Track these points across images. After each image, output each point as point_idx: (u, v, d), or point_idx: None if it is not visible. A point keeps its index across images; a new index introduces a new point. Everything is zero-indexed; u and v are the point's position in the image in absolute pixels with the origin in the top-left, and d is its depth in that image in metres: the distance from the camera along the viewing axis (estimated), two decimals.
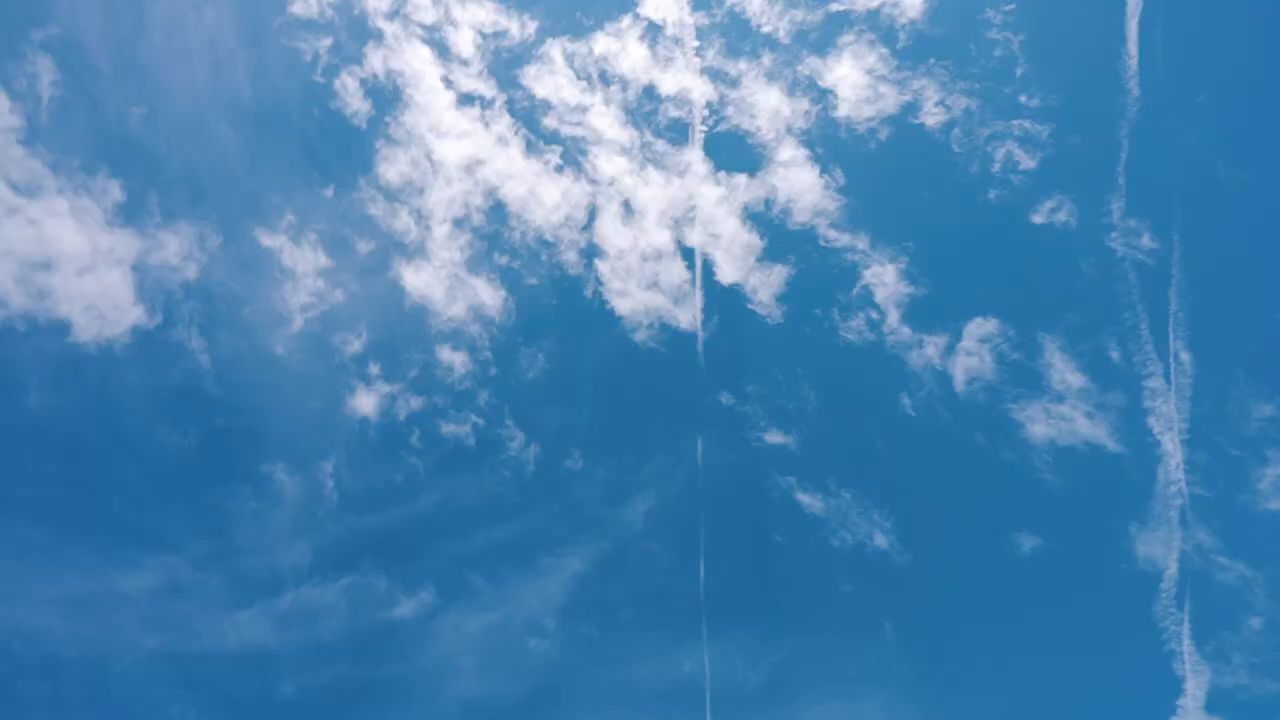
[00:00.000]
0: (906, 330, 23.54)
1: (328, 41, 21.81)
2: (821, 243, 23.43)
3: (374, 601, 22.97)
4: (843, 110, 23.09)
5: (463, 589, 23.33)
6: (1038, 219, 23.15)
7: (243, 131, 22.23)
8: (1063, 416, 23.24)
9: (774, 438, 23.64)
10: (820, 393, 23.80)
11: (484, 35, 22.40)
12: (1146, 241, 22.88)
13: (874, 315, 23.50)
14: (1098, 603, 23.06)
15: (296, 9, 21.43)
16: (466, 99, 22.58)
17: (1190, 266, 22.73)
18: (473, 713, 22.79)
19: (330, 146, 22.66)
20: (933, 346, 23.53)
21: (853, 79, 22.90)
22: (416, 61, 22.09)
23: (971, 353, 23.52)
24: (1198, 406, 22.81)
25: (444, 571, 23.35)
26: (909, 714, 23.02)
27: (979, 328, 23.45)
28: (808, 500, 23.59)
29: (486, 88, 22.58)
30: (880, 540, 23.48)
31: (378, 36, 21.95)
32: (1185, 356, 22.83)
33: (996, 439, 23.47)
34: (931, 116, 23.08)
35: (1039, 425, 23.28)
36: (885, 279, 23.37)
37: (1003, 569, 23.58)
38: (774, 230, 23.54)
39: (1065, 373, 23.22)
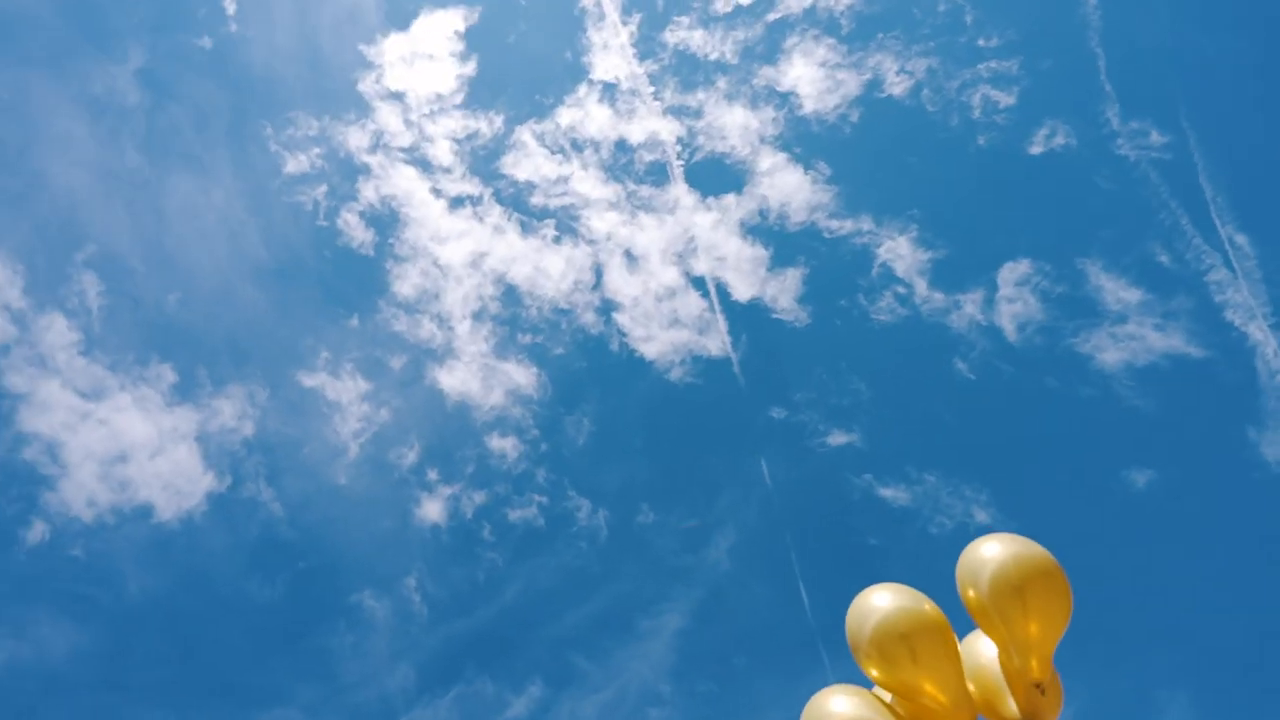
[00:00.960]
0: (939, 295, 22.89)
1: (323, 188, 23.64)
2: (826, 235, 23.37)
3: (485, 707, 22.51)
4: (808, 107, 23.52)
5: (569, 674, 22.73)
6: (1035, 149, 22.64)
7: (267, 289, 23.94)
8: (1131, 336, 21.88)
9: (837, 439, 22.89)
10: (870, 381, 23.11)
11: (458, 141, 23.94)
12: (1156, 138, 22.01)
13: (900, 290, 23.00)
14: (1239, 521, 20.90)
15: (290, 168, 23.41)
16: (457, 202, 23.93)
17: (1210, 147, 21.67)
18: None
19: (346, 280, 24.15)
20: (971, 304, 22.75)
21: (809, 75, 23.42)
22: (404, 182, 23.65)
23: (1013, 299, 22.62)
24: (1273, 286, 21.18)
25: (546, 660, 22.85)
26: (1073, 694, 20.84)
27: (1012, 272, 22.63)
28: (892, 494, 22.48)
29: (472, 186, 23.93)
30: (981, 515, 22.03)
31: (365, 171, 23.69)
32: (1240, 239, 21.43)
33: (1069, 378, 22.17)
34: (896, 86, 23.25)
35: (1109, 352, 21.94)
36: (901, 251, 23.00)
37: (1123, 512, 21.72)
38: (776, 237, 23.65)
39: (1118, 291, 22.03)
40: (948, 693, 4.52)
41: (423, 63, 23.52)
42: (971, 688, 4.74)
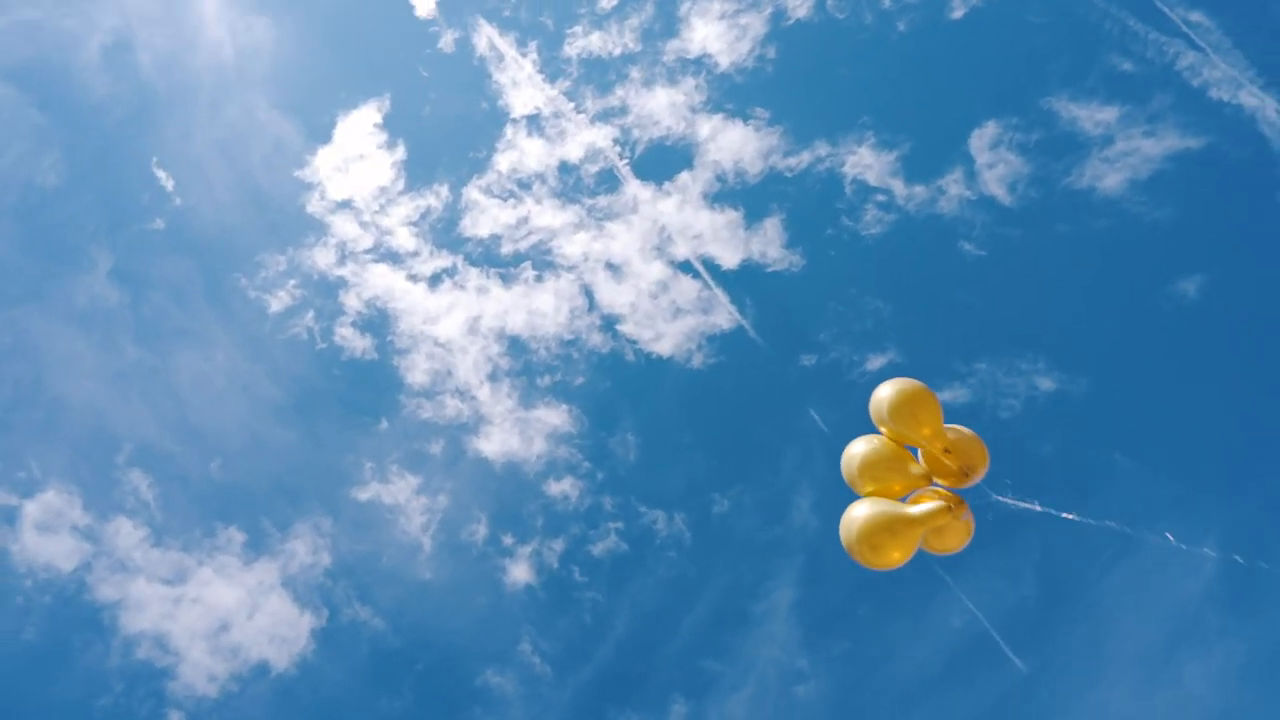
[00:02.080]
0: (919, 189, 22.40)
1: (310, 314, 24.31)
2: (788, 175, 23.12)
3: None
4: (724, 62, 23.42)
5: (706, 681, 22.53)
6: (957, 14, 22.15)
7: (294, 425, 24.62)
8: (1125, 153, 21.09)
9: (875, 362, 22.45)
10: (886, 296, 22.65)
11: (415, 223, 24.43)
12: None
13: (880, 198, 22.58)
14: None
15: (274, 307, 24.14)
16: (434, 279, 24.36)
17: None
18: None
19: (362, 390, 24.69)
20: (954, 184, 22.21)
21: (714, 33, 23.35)
22: (380, 280, 24.19)
23: (992, 164, 22.02)
24: (1248, 48, 20.22)
25: (679, 677, 22.70)
26: (1225, 514, 19.82)
27: (981, 138, 22.06)
28: (950, 395, 21.89)
29: (443, 260, 24.35)
30: (1046, 384, 21.33)
31: (341, 283, 24.31)
32: (1195, 16, 20.54)
33: (1079, 216, 21.44)
34: (800, 9, 23.01)
35: (1109, 177, 21.17)
36: (865, 160, 22.61)
37: (1188, 328, 20.80)
38: (741, 196, 23.47)
39: (1093, 115, 21.30)
40: (912, 483, 7.34)
41: (356, 165, 24.17)
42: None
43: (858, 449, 7.40)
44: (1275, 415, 20.19)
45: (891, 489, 7.25)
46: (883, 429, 7.41)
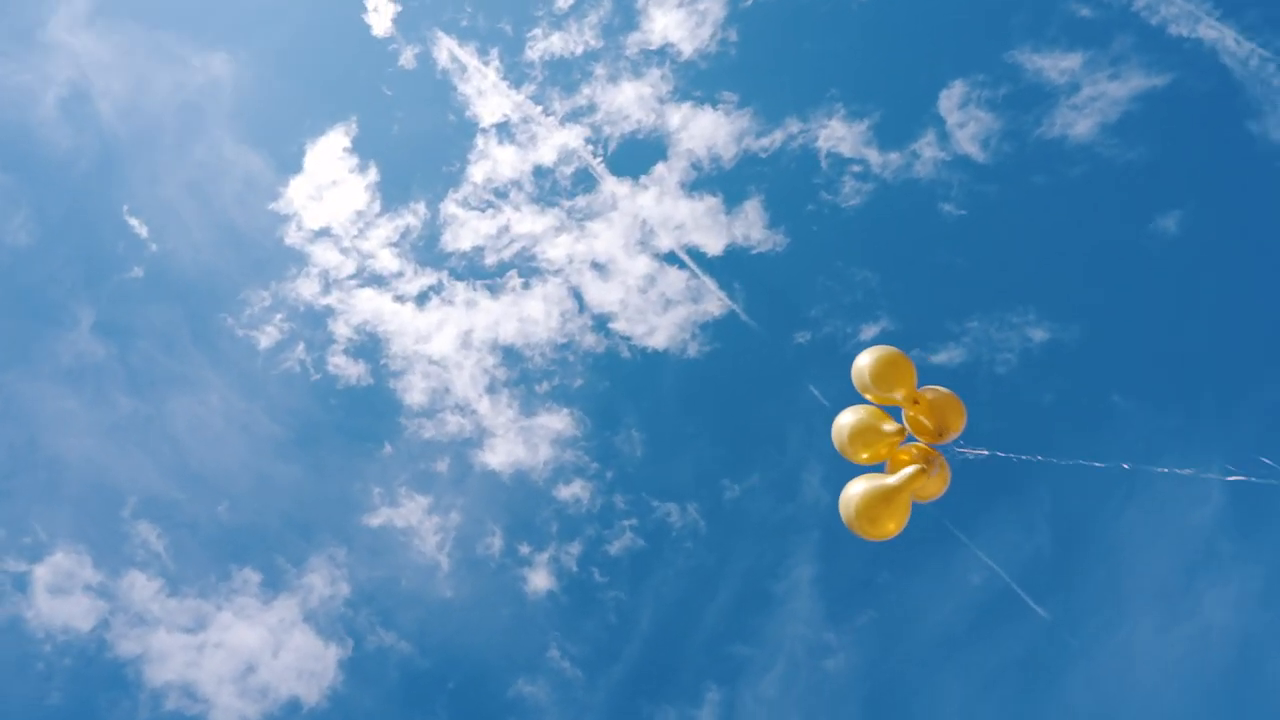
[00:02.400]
0: (894, 155, 22.50)
1: (301, 346, 24.15)
2: (762, 155, 23.15)
3: None
4: (687, 49, 23.39)
5: (736, 666, 22.66)
6: None
7: (297, 459, 24.47)
8: (1092, 98, 21.26)
9: (869, 332, 22.58)
10: (872, 265, 22.76)
11: (396, 244, 24.30)
12: None
13: (856, 169, 22.66)
14: None
15: (264, 343, 23.97)
16: (421, 298, 24.26)
17: None
18: None
19: (361, 416, 24.56)
20: (927, 146, 22.32)
21: (674, 21, 23.30)
22: (367, 304, 24.05)
23: (964, 122, 22.14)
24: None
25: (708, 665, 22.81)
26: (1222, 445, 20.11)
27: (950, 98, 22.17)
28: (945, 356, 22.11)
29: (427, 278, 24.24)
30: (1038, 334, 21.53)
31: (329, 312, 24.16)
32: None
33: (1052, 165, 21.61)
34: None
35: (1079, 124, 21.34)
36: (839, 133, 22.68)
37: (1172, 264, 21.04)
38: (719, 181, 23.49)
39: (1056, 64, 21.44)
40: (892, 446, 7.75)
41: (330, 191, 23.98)
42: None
43: (844, 419, 7.90)
44: (1265, 339, 20.49)
45: (880, 452, 7.73)
46: (866, 395, 7.91)
